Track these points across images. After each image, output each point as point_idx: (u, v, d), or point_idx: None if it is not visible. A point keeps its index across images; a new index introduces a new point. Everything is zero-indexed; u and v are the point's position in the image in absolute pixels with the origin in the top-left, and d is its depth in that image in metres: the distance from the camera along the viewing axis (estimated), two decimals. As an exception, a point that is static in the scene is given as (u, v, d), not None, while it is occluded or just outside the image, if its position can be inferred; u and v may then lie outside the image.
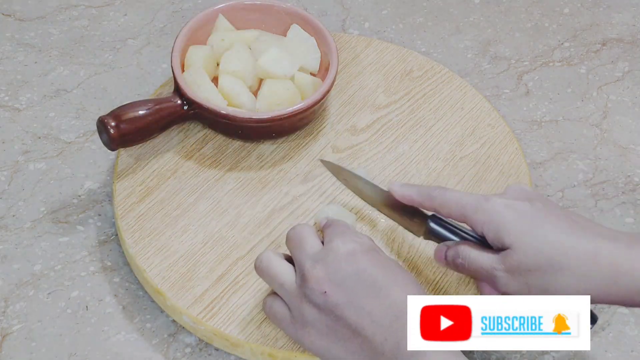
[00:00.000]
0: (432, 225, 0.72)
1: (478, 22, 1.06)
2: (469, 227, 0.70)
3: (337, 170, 0.80)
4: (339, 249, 0.66)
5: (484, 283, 0.70)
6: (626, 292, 0.64)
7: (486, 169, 0.86)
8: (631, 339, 0.78)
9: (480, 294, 0.72)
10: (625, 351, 0.77)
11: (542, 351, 0.76)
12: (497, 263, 0.66)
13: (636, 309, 0.79)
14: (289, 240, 0.70)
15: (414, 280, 0.67)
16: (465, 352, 0.64)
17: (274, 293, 0.70)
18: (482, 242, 0.69)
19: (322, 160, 0.81)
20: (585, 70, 1.01)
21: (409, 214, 0.74)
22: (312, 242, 0.69)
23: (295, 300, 0.67)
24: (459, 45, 1.03)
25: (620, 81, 1.00)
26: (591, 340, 0.77)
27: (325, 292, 0.65)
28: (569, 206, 0.87)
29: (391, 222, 0.80)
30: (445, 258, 0.71)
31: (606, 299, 0.65)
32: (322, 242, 0.69)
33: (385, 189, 0.76)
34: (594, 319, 0.69)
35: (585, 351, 0.76)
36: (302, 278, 0.66)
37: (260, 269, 0.70)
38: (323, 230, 0.71)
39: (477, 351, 0.75)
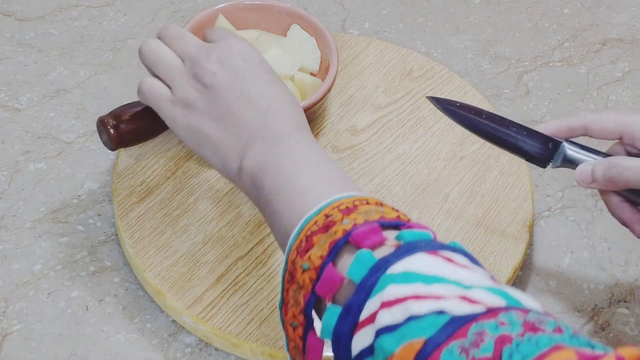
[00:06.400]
0: (570, 151, 0.72)
1: (478, 22, 1.06)
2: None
3: (440, 104, 0.76)
4: (233, 43, 0.68)
5: (625, 207, 0.71)
6: None
7: (486, 169, 0.86)
8: (631, 339, 0.78)
9: (623, 221, 0.72)
10: (625, 351, 0.77)
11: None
12: None
13: (636, 309, 0.79)
14: (164, 37, 0.71)
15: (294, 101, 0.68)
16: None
17: (151, 76, 0.70)
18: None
19: (428, 97, 0.77)
20: (585, 70, 1.01)
21: (540, 140, 0.73)
22: (194, 38, 0.70)
23: (182, 80, 0.67)
24: (459, 45, 1.03)
25: (620, 81, 1.00)
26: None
27: (215, 72, 0.66)
28: (568, 206, 0.87)
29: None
30: (593, 174, 0.70)
31: None
32: None
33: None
34: None
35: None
36: (193, 61, 0.67)
37: (147, 52, 0.70)
38: (208, 38, 0.72)
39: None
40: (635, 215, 0.71)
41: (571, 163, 0.72)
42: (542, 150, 0.73)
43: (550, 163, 0.73)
